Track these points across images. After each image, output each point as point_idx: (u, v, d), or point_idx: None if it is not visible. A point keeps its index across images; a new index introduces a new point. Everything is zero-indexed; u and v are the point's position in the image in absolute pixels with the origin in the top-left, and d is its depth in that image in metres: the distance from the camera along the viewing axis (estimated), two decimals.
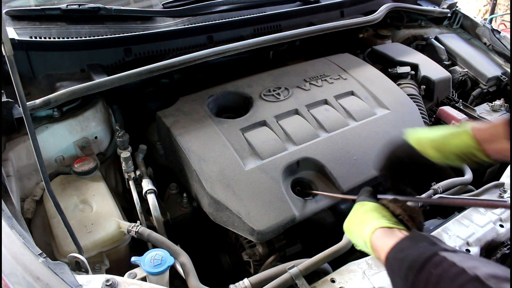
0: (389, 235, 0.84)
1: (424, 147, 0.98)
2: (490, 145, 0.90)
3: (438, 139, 0.96)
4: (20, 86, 0.87)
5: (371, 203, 0.95)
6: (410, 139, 1.01)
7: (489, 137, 0.90)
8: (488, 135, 0.90)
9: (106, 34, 1.61)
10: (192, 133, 1.37)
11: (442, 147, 0.95)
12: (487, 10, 6.00)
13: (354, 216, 0.97)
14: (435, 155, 0.96)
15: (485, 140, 0.90)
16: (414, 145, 0.99)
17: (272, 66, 1.78)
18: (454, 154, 0.94)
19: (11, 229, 0.95)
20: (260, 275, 1.06)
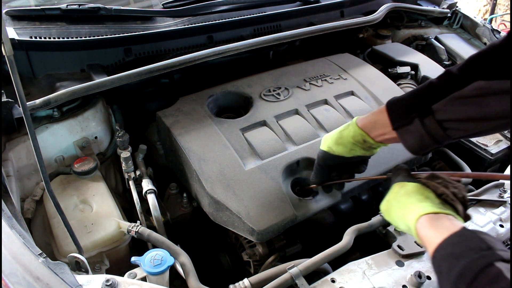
0: (435, 224, 0.80)
1: (330, 147, 1.10)
2: (373, 131, 1.03)
3: (336, 134, 1.09)
4: (20, 86, 0.87)
5: (412, 184, 0.92)
6: (321, 146, 1.13)
7: (370, 124, 1.03)
8: (368, 122, 1.03)
9: (106, 34, 1.61)
10: (192, 133, 1.37)
11: (340, 140, 1.08)
12: (487, 10, 6.00)
13: (394, 199, 0.93)
14: (340, 150, 1.09)
15: (368, 127, 1.03)
16: (324, 149, 1.12)
17: (272, 66, 1.78)
18: (350, 143, 1.07)
19: (11, 229, 0.95)
20: (260, 275, 1.06)
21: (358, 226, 1.19)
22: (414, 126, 0.94)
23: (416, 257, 1.10)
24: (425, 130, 0.92)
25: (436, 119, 0.91)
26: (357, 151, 1.08)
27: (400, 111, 0.97)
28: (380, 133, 1.02)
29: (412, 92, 0.98)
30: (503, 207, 1.27)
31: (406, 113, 0.95)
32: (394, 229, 1.18)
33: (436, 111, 0.91)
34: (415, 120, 0.93)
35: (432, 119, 0.91)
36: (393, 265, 1.07)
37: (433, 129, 0.91)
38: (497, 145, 1.66)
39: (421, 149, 0.96)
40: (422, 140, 0.94)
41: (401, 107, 0.97)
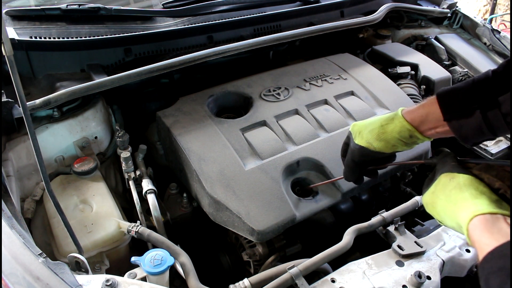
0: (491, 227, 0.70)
1: (369, 142, 1.01)
2: (423, 126, 0.95)
3: (376, 129, 1.00)
4: (20, 86, 0.87)
5: (464, 175, 0.81)
6: (357, 140, 1.04)
7: (419, 118, 0.94)
8: (418, 116, 0.95)
9: (106, 34, 1.61)
10: (192, 133, 1.37)
11: (382, 136, 0.99)
12: (487, 10, 6.00)
13: (443, 192, 0.83)
14: (381, 145, 0.99)
15: (416, 121, 0.95)
16: (363, 144, 1.02)
17: (272, 66, 1.78)
18: (395, 139, 0.98)
19: (11, 229, 0.95)
20: (260, 275, 1.06)
21: (358, 226, 1.19)
22: (474, 118, 0.85)
23: (416, 257, 1.10)
24: (485, 122, 0.84)
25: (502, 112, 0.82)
26: (399, 146, 1.00)
27: (456, 103, 0.88)
28: (431, 127, 0.94)
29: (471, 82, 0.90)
30: None
31: (465, 105, 0.86)
32: (394, 229, 1.18)
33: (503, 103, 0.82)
34: (476, 112, 0.85)
35: (498, 112, 0.82)
36: (393, 265, 1.07)
37: (496, 122, 0.83)
38: (497, 145, 1.66)
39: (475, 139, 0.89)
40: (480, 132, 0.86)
41: (457, 98, 0.89)
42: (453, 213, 0.79)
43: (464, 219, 0.75)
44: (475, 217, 0.73)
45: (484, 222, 0.72)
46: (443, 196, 0.83)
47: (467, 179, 0.81)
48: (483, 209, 0.73)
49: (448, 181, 0.83)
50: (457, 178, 0.82)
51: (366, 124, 1.04)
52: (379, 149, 1.01)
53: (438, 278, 1.05)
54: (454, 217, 0.79)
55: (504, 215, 0.72)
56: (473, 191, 0.78)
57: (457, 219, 0.78)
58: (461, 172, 0.83)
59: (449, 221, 0.83)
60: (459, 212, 0.77)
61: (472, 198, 0.76)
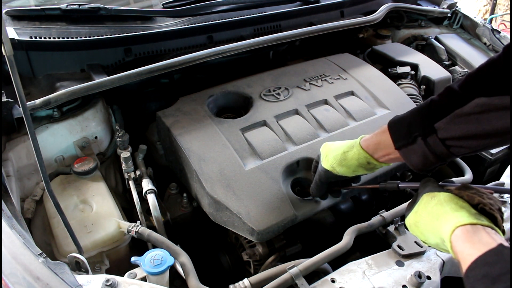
0: (472, 238, 0.74)
1: (333, 167, 1.09)
2: (378, 153, 1.02)
3: (339, 155, 1.08)
4: (20, 86, 0.87)
5: (444, 193, 0.86)
6: (323, 163, 1.13)
7: (373, 146, 1.02)
8: (372, 144, 1.02)
9: (106, 34, 1.61)
10: (192, 133, 1.37)
11: (343, 162, 1.07)
12: (487, 10, 6.00)
13: (425, 210, 0.87)
14: (343, 170, 1.08)
15: (370, 149, 1.03)
16: (328, 168, 1.11)
17: (272, 66, 1.78)
18: (354, 166, 1.06)
19: (11, 229, 0.95)
20: (260, 275, 1.06)
21: (358, 226, 1.19)
22: (417, 145, 0.92)
23: (416, 257, 1.10)
24: (428, 149, 0.90)
25: (439, 137, 0.88)
26: (360, 171, 1.08)
27: (402, 131, 0.95)
28: (384, 154, 1.01)
29: (414, 110, 0.96)
30: (503, 207, 1.27)
31: (409, 133, 0.93)
32: (394, 229, 1.18)
33: (439, 129, 0.89)
34: (418, 140, 0.91)
35: (435, 138, 0.89)
36: (393, 265, 1.07)
37: (437, 147, 0.89)
38: None
39: (426, 167, 0.94)
40: (426, 159, 0.92)
41: (403, 127, 0.95)
42: (436, 228, 0.83)
43: (447, 231, 0.78)
44: (457, 228, 0.76)
45: (465, 233, 0.75)
46: (425, 214, 0.87)
47: (447, 196, 0.85)
48: (464, 221, 0.76)
49: (430, 199, 0.88)
50: (438, 196, 0.86)
51: (333, 148, 1.12)
52: (342, 173, 1.09)
53: (438, 278, 1.05)
54: (437, 232, 0.83)
55: (484, 225, 0.76)
56: (454, 205, 0.82)
57: (440, 233, 0.82)
58: (441, 191, 0.88)
59: (432, 238, 0.86)
60: (442, 226, 0.81)
61: (453, 211, 0.80)
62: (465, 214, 0.78)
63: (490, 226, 0.76)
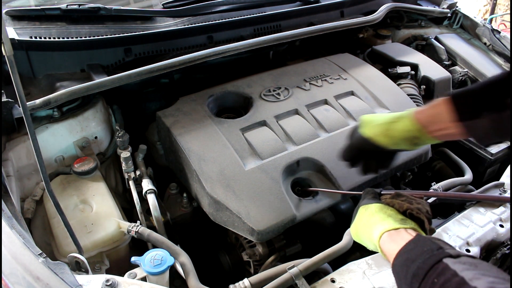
0: (395, 238, 0.84)
1: (375, 135, 1.05)
2: (432, 126, 0.97)
3: (384, 125, 1.04)
4: (20, 86, 0.87)
5: (375, 205, 0.95)
6: (364, 129, 1.08)
7: (429, 118, 0.97)
8: (428, 116, 0.97)
9: (106, 34, 1.61)
10: (192, 133, 1.37)
11: (388, 132, 1.02)
12: (487, 10, 6.01)
13: (360, 221, 0.97)
14: (385, 141, 1.04)
15: (426, 121, 0.98)
16: (367, 135, 1.06)
17: (272, 66, 1.78)
18: (400, 137, 1.02)
19: (11, 229, 0.95)
20: (260, 275, 1.06)
21: None
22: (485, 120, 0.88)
23: None
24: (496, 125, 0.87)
25: None
26: (402, 145, 1.03)
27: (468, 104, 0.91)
28: (440, 128, 0.96)
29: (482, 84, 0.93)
30: (503, 207, 1.27)
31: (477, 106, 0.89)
32: None
33: None
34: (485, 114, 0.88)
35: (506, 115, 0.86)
36: None
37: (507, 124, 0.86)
38: (497, 145, 1.66)
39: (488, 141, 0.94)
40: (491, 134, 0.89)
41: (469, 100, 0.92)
42: (369, 236, 0.92)
43: (375, 237, 0.88)
44: (383, 234, 0.87)
45: (390, 236, 0.86)
46: (360, 225, 0.97)
47: (377, 207, 0.94)
48: (389, 227, 0.87)
49: (364, 211, 0.97)
50: (370, 207, 0.96)
51: (377, 117, 1.07)
52: (383, 144, 1.04)
53: None
54: (370, 239, 0.92)
55: (406, 228, 0.86)
56: (382, 215, 0.91)
57: (372, 240, 0.91)
58: (373, 202, 0.96)
59: (369, 244, 0.95)
60: (372, 234, 0.90)
61: (381, 220, 0.90)
62: (391, 221, 0.88)
63: (413, 228, 0.86)
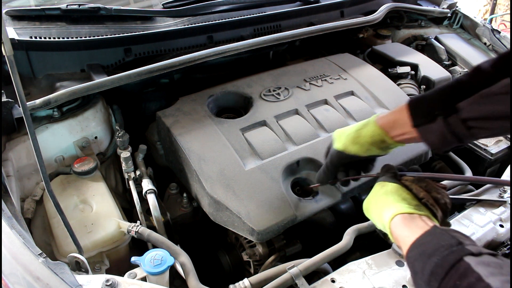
0: (409, 224, 0.82)
1: (345, 146, 1.07)
2: (394, 131, 1.00)
3: (352, 133, 1.06)
4: (20, 86, 0.87)
5: (392, 184, 0.93)
6: (336, 144, 1.10)
7: (391, 124, 1.01)
8: (389, 122, 1.01)
9: (106, 34, 1.61)
10: (192, 133, 1.37)
11: (357, 140, 1.05)
12: (487, 10, 6.01)
13: (373, 197, 0.96)
14: (356, 149, 1.06)
15: (388, 127, 1.01)
16: (339, 148, 1.08)
17: (272, 66, 1.78)
18: (368, 144, 1.04)
19: (11, 229, 0.95)
20: (260, 275, 1.06)
21: (358, 226, 1.19)
22: (436, 124, 0.91)
23: None
24: (448, 128, 0.89)
25: (460, 118, 0.87)
26: (373, 151, 1.06)
27: (422, 109, 0.94)
28: (400, 133, 0.99)
29: (437, 89, 0.95)
30: (503, 207, 1.27)
31: (429, 111, 0.92)
32: None
33: (461, 109, 0.88)
34: (438, 119, 0.90)
35: (456, 118, 0.88)
36: (393, 265, 1.07)
37: (457, 128, 0.88)
38: (497, 145, 1.66)
39: (443, 147, 0.94)
40: (444, 139, 0.91)
41: (423, 105, 0.95)
42: (379, 215, 0.91)
43: (387, 218, 0.87)
44: (395, 216, 0.85)
45: (403, 220, 0.84)
46: (373, 201, 0.96)
47: (394, 187, 0.93)
48: (402, 210, 0.85)
49: (380, 188, 0.95)
50: (386, 186, 0.94)
51: (346, 129, 1.10)
52: (355, 153, 1.06)
53: None
54: (380, 218, 0.91)
55: (420, 215, 0.84)
56: (397, 196, 0.90)
57: (382, 219, 0.90)
58: (391, 181, 0.94)
59: (378, 223, 0.93)
60: (383, 214, 0.89)
61: (395, 202, 0.88)
62: (405, 205, 0.86)
63: (426, 215, 0.84)
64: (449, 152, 0.99)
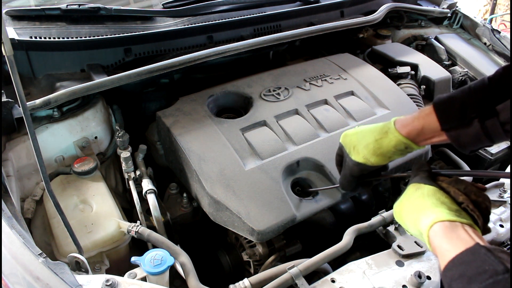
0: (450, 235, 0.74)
1: (366, 158, 1.02)
2: (419, 137, 0.96)
3: (371, 144, 1.01)
4: (20, 86, 0.87)
5: (429, 187, 0.84)
6: (354, 156, 1.04)
7: (416, 131, 0.95)
8: (414, 129, 0.95)
9: (106, 34, 1.61)
10: (192, 133, 1.37)
11: (379, 151, 1.00)
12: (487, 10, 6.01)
13: (408, 201, 0.87)
14: (378, 160, 1.01)
15: (412, 134, 0.96)
16: (360, 161, 1.03)
17: (272, 66, 1.78)
18: (391, 153, 1.00)
19: (11, 229, 0.95)
20: (260, 275, 1.06)
21: (358, 226, 1.19)
22: (472, 128, 0.86)
23: (416, 257, 1.10)
24: (484, 131, 0.85)
25: (500, 121, 0.83)
26: (396, 157, 1.02)
27: (454, 112, 0.89)
28: (427, 137, 0.95)
29: (466, 90, 0.90)
30: (503, 207, 1.27)
31: (462, 114, 0.87)
32: (394, 229, 1.18)
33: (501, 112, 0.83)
34: (474, 122, 0.86)
35: (496, 121, 0.84)
36: (393, 265, 1.08)
37: (495, 131, 0.85)
38: (497, 145, 1.66)
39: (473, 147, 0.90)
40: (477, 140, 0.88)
41: (453, 108, 0.89)
42: (415, 221, 0.83)
43: (425, 226, 0.78)
44: (435, 224, 0.76)
45: (443, 229, 0.75)
46: (408, 204, 0.87)
47: (431, 189, 0.84)
48: (443, 217, 0.76)
49: (415, 191, 0.86)
50: (422, 188, 0.85)
51: (359, 137, 1.04)
52: (377, 163, 1.02)
53: (438, 278, 1.05)
54: (416, 224, 0.83)
55: (463, 223, 0.75)
56: (435, 200, 0.81)
57: (418, 226, 0.81)
58: (427, 183, 0.86)
59: (412, 229, 0.86)
60: (421, 220, 0.80)
61: (433, 206, 0.80)
62: (445, 211, 0.78)
63: (469, 224, 0.76)
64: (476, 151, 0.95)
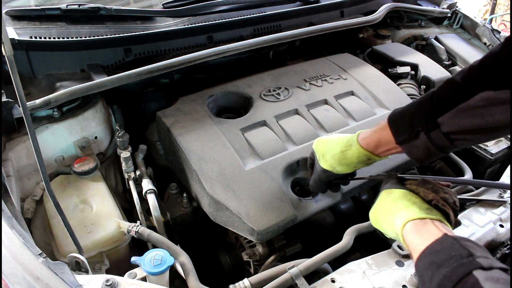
0: (420, 230, 0.80)
1: (332, 166, 1.10)
2: (378, 149, 1.03)
3: (337, 154, 1.09)
4: (20, 86, 0.87)
5: (399, 190, 0.92)
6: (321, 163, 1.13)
7: (374, 144, 1.03)
8: (372, 142, 1.03)
9: (106, 34, 1.61)
10: (192, 133, 1.37)
11: (344, 161, 1.08)
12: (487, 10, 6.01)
13: (381, 205, 0.94)
14: (343, 169, 1.09)
15: (371, 146, 1.03)
16: (326, 167, 1.11)
17: (272, 66, 1.78)
18: (354, 163, 1.07)
19: (11, 229, 0.95)
20: (260, 275, 1.06)
21: (358, 226, 1.19)
22: (420, 140, 0.92)
23: None
24: (431, 143, 0.91)
25: (442, 132, 0.89)
26: (360, 167, 1.10)
27: (403, 126, 0.95)
28: (385, 150, 1.02)
29: (414, 104, 0.97)
30: (503, 207, 1.27)
31: (411, 128, 0.93)
32: None
33: (442, 124, 0.89)
34: (420, 134, 0.92)
35: (439, 132, 0.90)
36: (393, 265, 1.08)
37: (440, 141, 0.90)
38: (497, 145, 1.66)
39: (428, 159, 0.96)
40: (429, 152, 0.93)
41: (404, 122, 0.96)
42: (390, 223, 0.89)
43: (398, 225, 0.84)
44: (407, 223, 0.83)
45: (414, 226, 0.82)
46: (382, 209, 0.94)
47: (402, 193, 0.91)
48: (414, 215, 0.83)
49: (387, 196, 0.94)
50: (394, 192, 0.92)
51: (328, 147, 1.12)
52: (343, 172, 1.11)
53: None
54: (391, 226, 0.89)
55: (432, 219, 0.82)
56: (406, 202, 0.88)
57: (393, 227, 0.88)
58: (397, 187, 0.93)
59: (389, 231, 0.91)
60: (395, 221, 0.87)
61: (405, 207, 0.86)
62: (416, 210, 0.84)
63: (439, 219, 0.82)
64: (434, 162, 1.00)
